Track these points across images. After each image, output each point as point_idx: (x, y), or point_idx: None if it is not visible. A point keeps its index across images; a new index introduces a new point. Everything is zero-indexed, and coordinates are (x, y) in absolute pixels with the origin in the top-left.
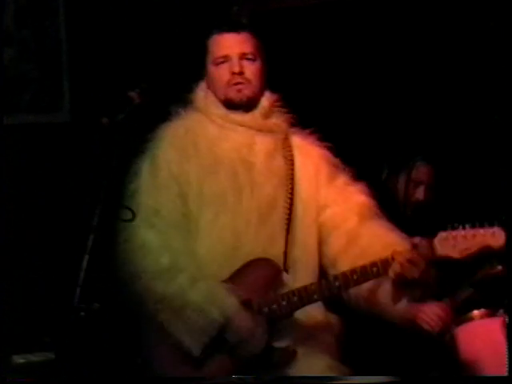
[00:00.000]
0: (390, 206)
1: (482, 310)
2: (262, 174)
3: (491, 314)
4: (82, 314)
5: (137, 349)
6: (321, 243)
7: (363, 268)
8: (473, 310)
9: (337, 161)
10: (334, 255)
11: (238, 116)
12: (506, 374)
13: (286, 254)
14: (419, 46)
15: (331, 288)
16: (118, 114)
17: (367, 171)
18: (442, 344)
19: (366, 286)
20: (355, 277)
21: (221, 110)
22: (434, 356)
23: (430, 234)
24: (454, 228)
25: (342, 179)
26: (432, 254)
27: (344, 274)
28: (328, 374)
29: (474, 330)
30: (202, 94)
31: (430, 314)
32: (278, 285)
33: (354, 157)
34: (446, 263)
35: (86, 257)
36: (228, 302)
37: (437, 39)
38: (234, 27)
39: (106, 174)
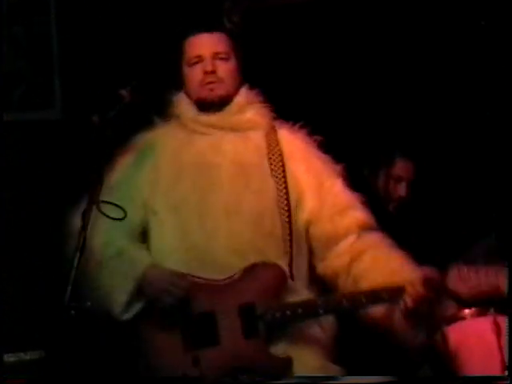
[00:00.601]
0: (373, 203)
1: (473, 309)
2: (228, 174)
3: (482, 313)
4: (73, 312)
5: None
6: (317, 255)
7: (373, 292)
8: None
9: (325, 158)
10: (335, 272)
11: (207, 118)
12: (498, 373)
13: (291, 258)
14: (400, 43)
15: (338, 306)
16: (108, 111)
17: (349, 168)
18: (433, 343)
19: (380, 310)
20: (364, 300)
21: (192, 113)
22: (427, 355)
23: (418, 234)
24: (468, 265)
25: (334, 184)
26: (443, 290)
27: (353, 295)
28: (321, 374)
29: (464, 329)
30: (178, 98)
31: None
32: (283, 291)
33: (337, 154)
34: None
35: (77, 255)
36: (139, 257)
37: (419, 33)
38: (207, 27)
39: (97, 171)
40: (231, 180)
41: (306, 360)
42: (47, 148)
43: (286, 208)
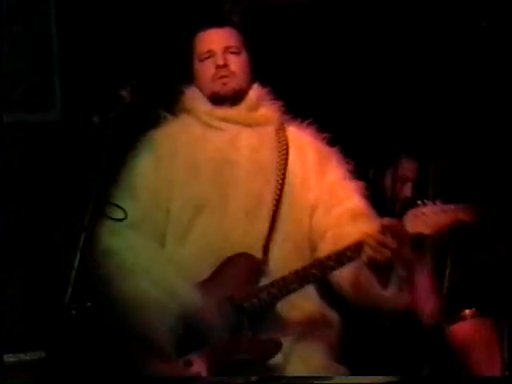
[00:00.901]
0: (380, 205)
1: (473, 310)
2: (246, 171)
3: (482, 313)
4: (74, 312)
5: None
6: (313, 249)
7: (337, 253)
8: (464, 309)
9: (334, 153)
10: None
11: (223, 111)
12: (499, 373)
13: (266, 246)
14: (401, 44)
15: (308, 276)
16: (108, 112)
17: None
18: (440, 342)
19: (348, 271)
20: (330, 263)
21: (206, 106)
22: (431, 355)
23: None
24: (424, 204)
25: (336, 176)
26: (403, 233)
27: (319, 261)
28: (323, 373)
29: (465, 330)
30: (190, 93)
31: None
32: (259, 278)
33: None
34: None
35: (78, 256)
36: (186, 294)
37: (420, 34)
38: (217, 22)
39: (97, 172)
40: (250, 178)
41: (311, 359)
42: (47, 149)
43: (276, 200)
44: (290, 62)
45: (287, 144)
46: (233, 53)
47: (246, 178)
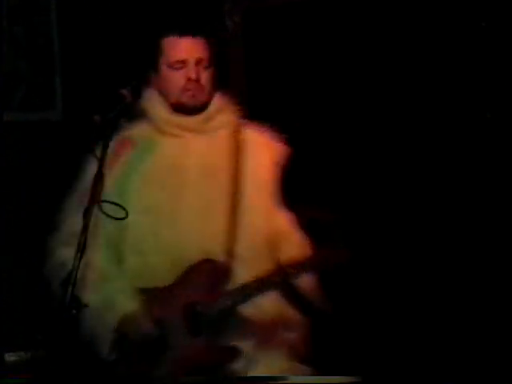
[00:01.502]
0: None
1: None
2: (196, 176)
3: None
4: (74, 311)
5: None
6: (274, 247)
7: (301, 262)
8: None
9: (290, 154)
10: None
11: (180, 120)
12: None
13: (230, 250)
14: (400, 44)
15: (270, 283)
16: (109, 112)
17: None
18: None
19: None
20: (293, 271)
21: (164, 113)
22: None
23: None
24: None
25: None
26: None
27: (282, 268)
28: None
29: None
30: (149, 97)
31: None
32: (225, 284)
33: None
34: None
35: (78, 255)
36: (126, 307)
37: (420, 35)
38: (189, 30)
39: (98, 172)
40: (200, 183)
41: (273, 362)
42: (48, 149)
43: (231, 202)
44: (290, 62)
45: (241, 147)
46: (204, 67)
47: (196, 182)
